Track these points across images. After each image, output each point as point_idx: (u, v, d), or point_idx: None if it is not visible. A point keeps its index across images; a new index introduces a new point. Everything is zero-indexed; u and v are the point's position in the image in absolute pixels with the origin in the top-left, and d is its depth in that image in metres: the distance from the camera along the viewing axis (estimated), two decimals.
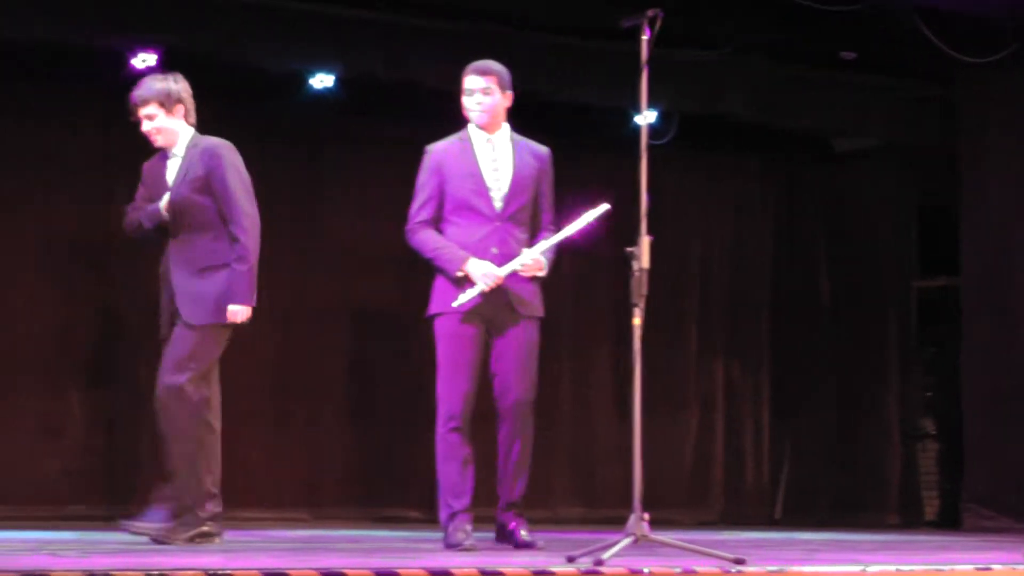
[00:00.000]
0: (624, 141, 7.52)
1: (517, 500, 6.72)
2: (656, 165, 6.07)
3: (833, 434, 11.40)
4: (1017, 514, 9.84)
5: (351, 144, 10.19)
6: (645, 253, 5.89)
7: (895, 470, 11.20)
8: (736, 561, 5.61)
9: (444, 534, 6.59)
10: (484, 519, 6.78)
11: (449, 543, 6.52)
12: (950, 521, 10.71)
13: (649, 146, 5.99)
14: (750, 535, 9.00)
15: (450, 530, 6.55)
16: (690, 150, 10.84)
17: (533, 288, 6.72)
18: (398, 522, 9.66)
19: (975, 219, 10.37)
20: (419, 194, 6.74)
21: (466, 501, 6.59)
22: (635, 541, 5.71)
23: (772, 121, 10.51)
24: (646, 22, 6.00)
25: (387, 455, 10.06)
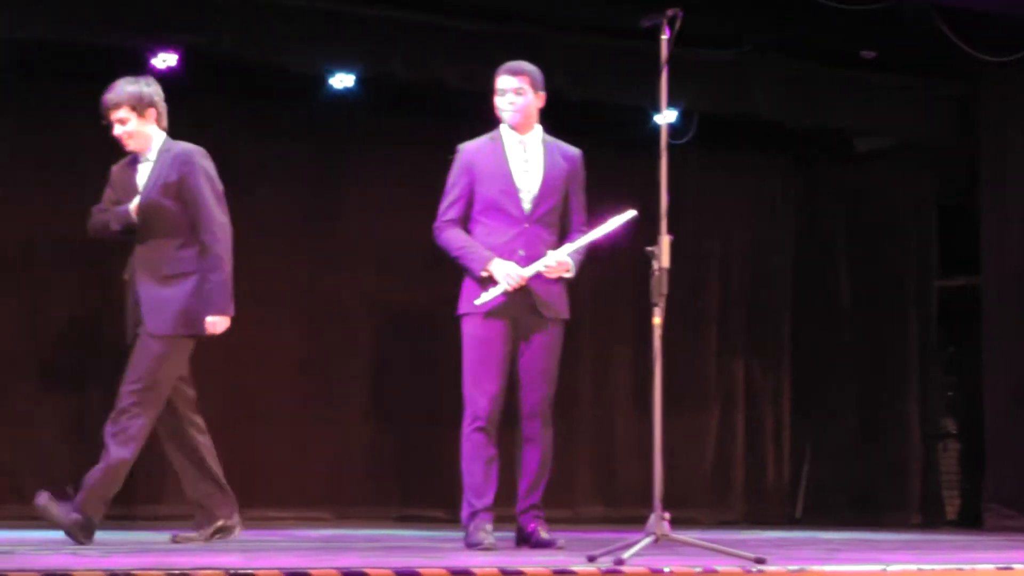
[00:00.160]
0: (644, 141, 7.52)
1: (537, 501, 6.73)
2: (676, 165, 6.07)
3: (854, 433, 11.35)
4: None
5: (371, 144, 10.18)
6: (665, 253, 5.89)
7: (916, 469, 11.14)
8: (757, 560, 5.62)
9: (465, 533, 6.60)
10: (505, 519, 6.78)
11: (470, 542, 6.53)
12: (971, 520, 10.68)
13: (669, 146, 6.00)
14: (771, 534, 8.99)
15: (471, 529, 6.56)
16: (710, 150, 10.81)
17: (559, 290, 6.71)
18: (420, 521, 9.65)
19: (996, 218, 10.34)
20: (449, 192, 6.75)
21: (488, 501, 6.59)
22: (655, 540, 5.71)
23: (792, 121, 10.48)
24: (666, 21, 6.02)
25: (409, 454, 10.04)
